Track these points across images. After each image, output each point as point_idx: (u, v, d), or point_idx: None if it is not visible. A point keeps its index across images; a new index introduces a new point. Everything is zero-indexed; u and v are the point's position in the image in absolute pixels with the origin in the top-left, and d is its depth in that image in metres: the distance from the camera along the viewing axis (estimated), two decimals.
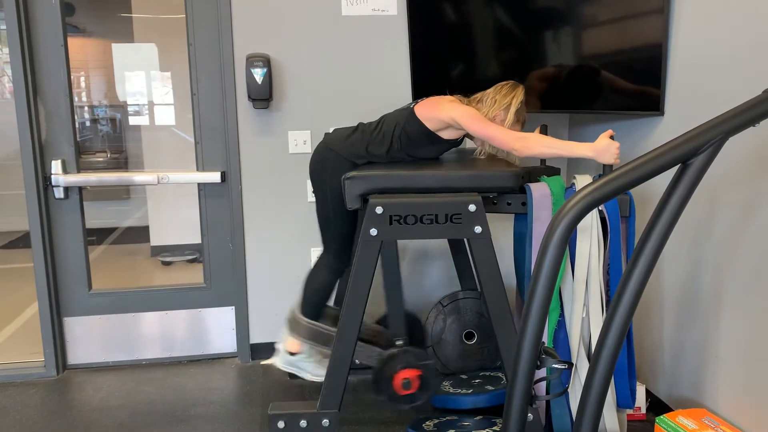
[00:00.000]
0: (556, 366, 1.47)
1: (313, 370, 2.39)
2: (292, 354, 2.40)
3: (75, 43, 6.00)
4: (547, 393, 2.20)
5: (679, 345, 2.32)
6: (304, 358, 2.40)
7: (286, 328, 2.42)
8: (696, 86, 2.19)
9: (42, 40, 2.70)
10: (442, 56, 2.84)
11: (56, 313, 2.88)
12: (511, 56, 2.76)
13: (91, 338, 2.96)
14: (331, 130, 2.35)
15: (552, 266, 1.33)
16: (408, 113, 2.21)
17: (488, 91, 2.25)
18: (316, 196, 2.30)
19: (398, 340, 2.21)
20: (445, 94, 2.27)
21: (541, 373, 2.06)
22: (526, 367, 1.40)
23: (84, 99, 6.44)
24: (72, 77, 2.80)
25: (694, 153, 1.36)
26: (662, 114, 2.36)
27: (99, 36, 6.09)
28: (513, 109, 2.21)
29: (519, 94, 2.23)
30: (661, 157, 1.36)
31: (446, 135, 2.22)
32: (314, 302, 2.38)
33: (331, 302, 2.48)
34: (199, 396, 2.68)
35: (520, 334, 1.39)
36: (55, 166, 2.78)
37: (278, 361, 2.43)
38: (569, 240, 1.68)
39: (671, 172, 1.39)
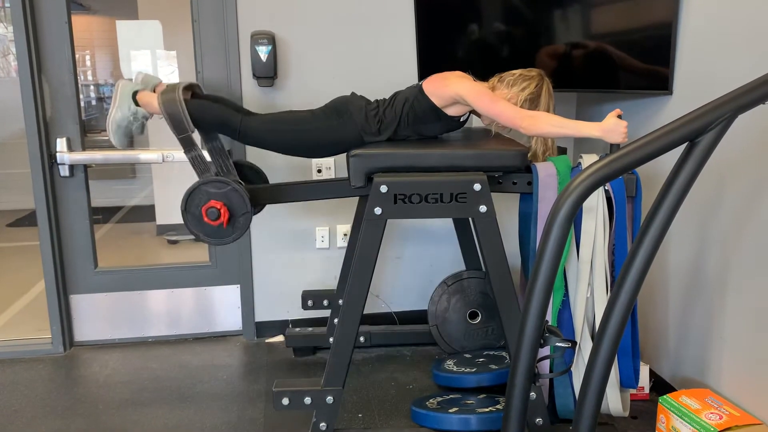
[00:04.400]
0: (559, 345, 1.47)
1: (118, 121, 2.24)
2: (135, 101, 2.26)
3: (79, 21, 5.99)
4: (551, 372, 2.21)
5: (683, 325, 2.32)
6: (133, 114, 2.26)
7: (161, 87, 2.29)
8: (705, 65, 2.16)
9: (46, 17, 2.69)
10: (449, 34, 2.81)
11: (62, 290, 2.90)
12: (519, 34, 2.72)
13: (98, 315, 2.98)
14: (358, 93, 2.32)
15: (556, 245, 1.33)
16: (417, 90, 2.20)
17: (515, 72, 2.22)
18: (314, 110, 2.26)
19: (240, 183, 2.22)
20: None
21: (545, 351, 2.06)
22: (530, 345, 1.41)
23: (89, 77, 6.43)
24: (76, 55, 2.78)
25: (702, 131, 1.34)
26: (670, 93, 2.34)
27: (103, 13, 6.06)
28: (551, 107, 2.21)
29: (551, 93, 2.22)
30: (668, 135, 1.34)
31: (452, 111, 2.20)
32: (201, 113, 2.21)
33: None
34: (204, 373, 2.70)
35: (523, 313, 1.39)
36: (60, 143, 2.78)
37: (125, 83, 2.27)
38: (574, 219, 1.67)
39: (678, 152, 1.38)
